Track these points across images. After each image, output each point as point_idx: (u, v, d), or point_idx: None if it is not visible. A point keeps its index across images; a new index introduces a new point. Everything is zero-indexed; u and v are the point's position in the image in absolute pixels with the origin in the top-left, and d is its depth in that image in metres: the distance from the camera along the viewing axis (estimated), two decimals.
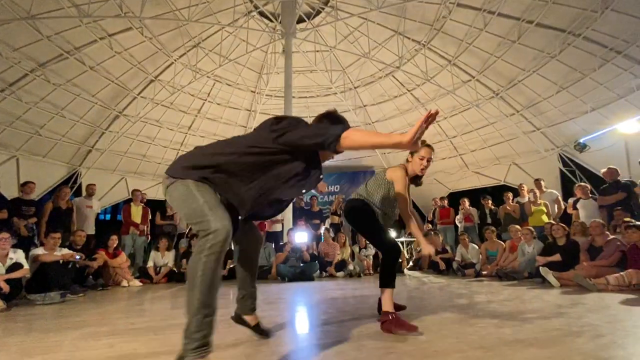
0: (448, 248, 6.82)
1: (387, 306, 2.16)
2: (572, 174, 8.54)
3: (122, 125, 9.28)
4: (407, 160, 2.54)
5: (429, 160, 2.44)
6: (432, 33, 8.21)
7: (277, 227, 7.70)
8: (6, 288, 3.28)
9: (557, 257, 4.52)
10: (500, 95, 8.68)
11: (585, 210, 5.72)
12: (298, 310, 3.05)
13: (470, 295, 3.61)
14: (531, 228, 5.48)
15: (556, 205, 6.45)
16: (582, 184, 6.31)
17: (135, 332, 2.25)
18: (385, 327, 2.05)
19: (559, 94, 7.77)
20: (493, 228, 6.25)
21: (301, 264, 5.88)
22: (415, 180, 2.58)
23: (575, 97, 7.61)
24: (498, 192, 8.47)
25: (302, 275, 5.65)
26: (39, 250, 4.10)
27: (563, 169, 8.65)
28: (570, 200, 6.17)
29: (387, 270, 2.31)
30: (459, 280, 5.13)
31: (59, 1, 6.18)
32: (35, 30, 6.58)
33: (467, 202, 7.60)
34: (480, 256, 6.05)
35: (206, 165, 1.51)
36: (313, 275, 5.83)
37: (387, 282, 2.26)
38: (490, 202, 7.33)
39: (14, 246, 3.90)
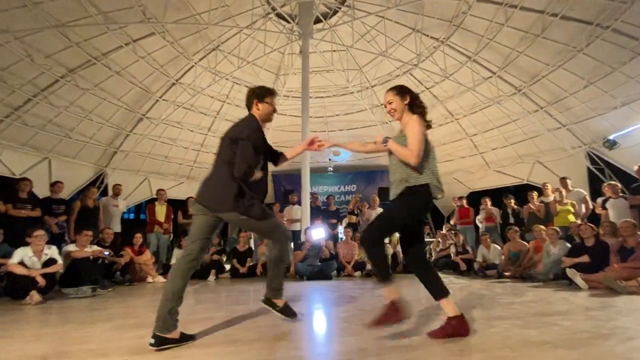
0: (469, 248, 6.68)
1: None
2: (600, 173, 8.17)
3: (146, 127, 9.60)
4: None
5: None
6: (451, 29, 8.05)
7: (296, 227, 7.76)
8: (43, 282, 3.48)
9: (585, 259, 4.34)
10: (523, 91, 8.41)
11: (615, 210, 5.46)
12: (318, 308, 3.08)
13: (493, 296, 3.54)
14: (557, 228, 5.29)
15: (583, 205, 6.19)
16: (612, 182, 6.02)
17: None
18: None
19: (587, 89, 7.45)
20: (516, 228, 6.07)
21: (319, 263, 5.91)
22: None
23: (604, 91, 7.28)
24: (521, 192, 8.21)
25: (320, 274, 5.68)
26: (71, 247, 4.32)
27: (591, 167, 8.29)
28: (599, 200, 5.91)
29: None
30: (480, 281, 5.02)
31: (87, 9, 6.46)
32: (65, 38, 6.91)
33: (488, 202, 7.41)
34: (503, 257, 5.89)
35: None
36: (331, 274, 5.85)
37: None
38: (512, 201, 7.11)
39: (47, 243, 4.12)
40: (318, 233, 6.15)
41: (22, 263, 3.59)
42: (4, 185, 6.23)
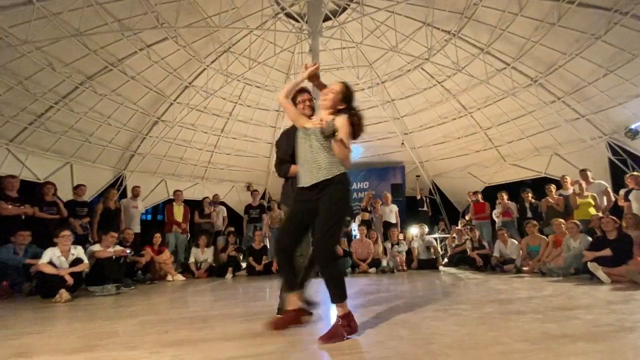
0: (485, 244, 6.59)
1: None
2: (622, 163, 7.89)
3: (161, 130, 9.83)
4: None
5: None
6: (462, 22, 7.91)
7: None
8: (71, 281, 3.65)
9: (607, 252, 4.23)
10: (539, 82, 8.20)
11: (639, 202, 5.29)
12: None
13: (511, 290, 3.50)
14: (577, 222, 5.16)
15: (605, 197, 6.01)
16: (635, 173, 5.82)
17: (185, 321, 2.43)
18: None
19: (606, 78, 7.19)
20: (535, 222, 5.95)
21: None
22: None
23: (625, 79, 7.01)
24: (539, 185, 8.02)
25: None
26: (95, 247, 4.50)
27: (612, 158, 8.02)
28: (622, 192, 5.72)
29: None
30: (497, 277, 4.96)
31: (103, 17, 6.66)
32: (83, 46, 7.14)
33: (505, 196, 7.27)
34: (521, 252, 5.78)
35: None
36: (345, 270, 5.88)
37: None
38: (530, 195, 6.96)
39: (72, 244, 4.30)
40: None
41: (50, 263, 3.76)
42: (30, 190, 6.51)
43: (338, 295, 1.86)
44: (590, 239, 4.78)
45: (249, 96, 10.51)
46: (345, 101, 2.13)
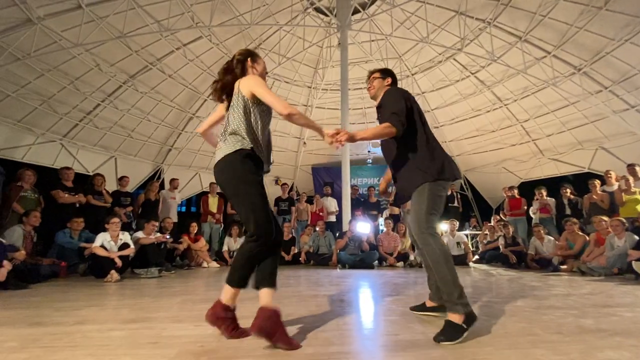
0: (519, 240, 6.35)
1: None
2: None
3: (196, 125, 10.30)
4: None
5: None
6: (498, 9, 7.56)
7: (332, 218, 7.92)
8: (120, 263, 4.00)
9: None
10: (583, 70, 7.68)
11: None
12: (363, 292, 3.19)
13: (546, 287, 3.39)
14: (622, 219, 4.84)
15: None
16: None
17: None
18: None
19: None
20: (575, 220, 5.65)
21: (360, 252, 6.01)
22: None
23: None
24: (581, 181, 7.56)
25: (361, 263, 5.78)
26: (139, 234, 4.87)
27: None
28: None
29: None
30: (532, 274, 4.79)
31: (144, 19, 7.08)
32: (126, 47, 7.64)
33: (544, 192, 6.93)
34: (558, 244, 5.51)
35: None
36: (373, 263, 5.93)
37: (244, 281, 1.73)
38: (569, 191, 6.58)
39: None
40: (363, 227, 6.23)
41: (102, 246, 4.14)
42: (81, 181, 7.13)
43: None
44: (637, 237, 4.49)
45: (277, 91, 10.71)
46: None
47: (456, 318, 1.62)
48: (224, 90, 1.85)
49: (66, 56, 7.09)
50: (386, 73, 2.25)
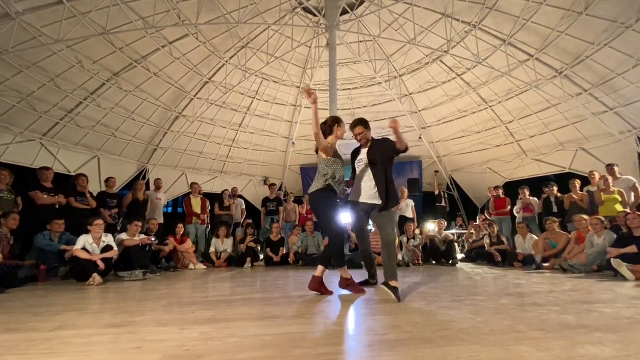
0: (504, 239, 6.49)
1: (346, 275, 3.03)
2: None
3: (182, 125, 10.14)
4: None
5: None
6: (483, 12, 7.72)
7: None
8: (103, 266, 3.89)
9: (632, 249, 4.10)
10: (564, 73, 7.92)
11: None
12: (350, 292, 3.19)
13: (530, 285, 3.47)
14: (601, 218, 5.01)
15: (633, 193, 5.79)
16: None
17: (210, 303, 2.57)
18: (344, 286, 3.01)
19: (637, 69, 6.88)
20: (555, 219, 5.81)
21: (349, 252, 6.02)
22: None
23: None
24: (563, 181, 7.78)
25: (350, 263, 5.76)
26: (123, 236, 4.75)
27: None
28: None
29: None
30: (516, 272, 4.89)
31: (128, 16, 6.92)
32: (109, 44, 7.46)
33: (527, 192, 7.11)
34: (539, 246, 5.65)
35: None
36: (361, 263, 5.93)
37: (342, 261, 3.03)
38: (555, 189, 6.76)
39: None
40: (344, 218, 6.23)
41: (84, 249, 4.01)
42: (61, 181, 6.88)
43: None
44: (615, 235, 4.64)
45: (266, 91, 10.66)
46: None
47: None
48: None
49: (46, 52, 6.88)
50: (368, 125, 3.22)
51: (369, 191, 3.09)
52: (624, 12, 6.27)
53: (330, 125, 3.06)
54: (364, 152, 3.21)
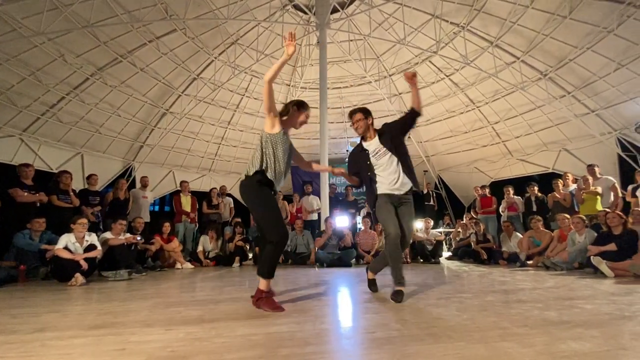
0: (490, 238, 6.62)
1: (266, 287, 2.29)
2: (632, 160, 7.82)
3: (169, 122, 9.96)
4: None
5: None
6: (472, 14, 7.84)
7: (314, 216, 7.91)
8: (86, 266, 3.78)
9: (612, 247, 4.24)
10: (548, 76, 8.11)
11: None
12: (340, 291, 3.20)
13: (514, 282, 3.55)
14: (583, 216, 5.16)
15: (612, 193, 5.98)
16: None
17: (196, 303, 2.54)
18: (256, 304, 2.28)
19: (617, 72, 7.10)
20: (539, 217, 5.96)
21: (338, 251, 6.04)
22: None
23: (636, 74, 6.92)
24: (546, 181, 7.99)
25: (339, 261, 5.81)
26: (107, 234, 4.64)
27: (622, 154, 7.94)
28: (630, 187, 5.70)
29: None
30: (501, 269, 5.00)
31: (113, 9, 6.74)
32: (94, 38, 7.25)
33: (511, 191, 7.28)
34: (523, 244, 5.79)
35: None
36: (350, 262, 5.97)
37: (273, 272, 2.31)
38: (536, 189, 6.95)
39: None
40: (342, 221, 6.32)
41: (66, 248, 3.90)
42: (42, 179, 6.66)
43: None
44: (595, 234, 4.79)
45: (256, 88, 10.56)
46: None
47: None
48: None
49: (27, 45, 6.64)
50: (369, 113, 2.87)
51: (402, 179, 2.72)
52: (605, 17, 6.46)
53: (290, 106, 2.62)
54: (374, 143, 2.78)
